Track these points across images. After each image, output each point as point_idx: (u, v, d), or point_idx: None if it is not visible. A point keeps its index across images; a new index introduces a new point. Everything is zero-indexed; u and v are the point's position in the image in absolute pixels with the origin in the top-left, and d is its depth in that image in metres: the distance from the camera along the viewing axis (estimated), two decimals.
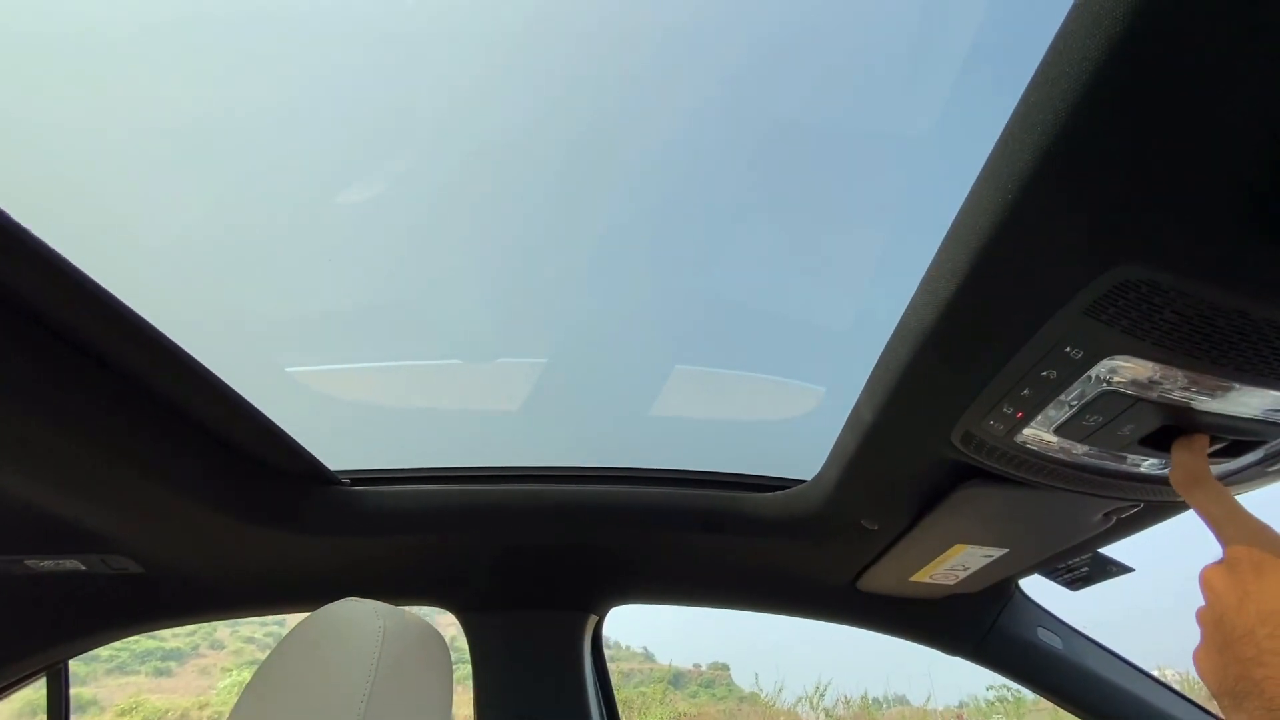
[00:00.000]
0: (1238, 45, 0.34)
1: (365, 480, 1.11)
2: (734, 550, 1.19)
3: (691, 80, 0.98)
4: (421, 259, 1.04)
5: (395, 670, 0.86)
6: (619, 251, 1.15)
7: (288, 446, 0.99)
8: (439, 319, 1.13)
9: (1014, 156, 0.47)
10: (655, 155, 1.05)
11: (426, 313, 1.10)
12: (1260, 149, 0.38)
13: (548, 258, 1.14)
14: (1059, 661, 1.24)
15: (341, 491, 1.10)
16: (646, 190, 1.09)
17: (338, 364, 1.06)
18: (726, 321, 1.22)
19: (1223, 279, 0.44)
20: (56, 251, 0.62)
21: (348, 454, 1.10)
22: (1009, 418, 0.64)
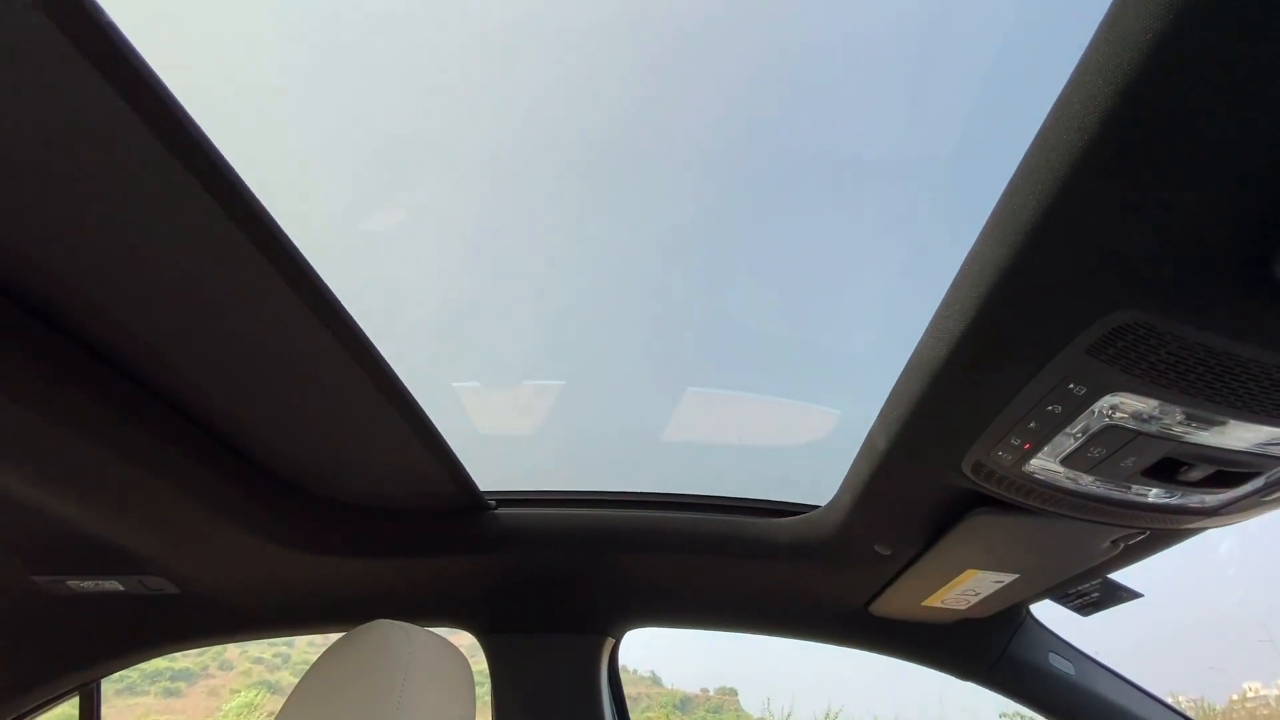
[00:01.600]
0: (1222, 119, 0.38)
1: (393, 505, 1.15)
2: (748, 574, 1.21)
3: (706, 105, 1.03)
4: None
5: (423, 690, 0.89)
6: (632, 274, 1.19)
7: (322, 470, 1.03)
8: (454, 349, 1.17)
9: (1018, 209, 0.51)
10: (671, 178, 1.10)
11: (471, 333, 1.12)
12: (1248, 207, 0.42)
13: (561, 280, 1.19)
14: (1071, 687, 1.25)
15: (369, 515, 1.14)
16: (661, 213, 1.13)
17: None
18: (740, 345, 1.25)
19: (1213, 324, 0.48)
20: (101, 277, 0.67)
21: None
22: (1017, 449, 0.67)
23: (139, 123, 0.48)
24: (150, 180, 0.53)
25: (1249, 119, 0.38)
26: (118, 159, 0.52)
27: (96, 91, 0.46)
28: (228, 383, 0.82)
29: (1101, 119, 0.41)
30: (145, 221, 0.58)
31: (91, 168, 0.53)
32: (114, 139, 0.50)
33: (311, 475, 1.04)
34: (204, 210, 0.56)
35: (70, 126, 0.49)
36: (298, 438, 0.95)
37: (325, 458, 1.00)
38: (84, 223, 0.58)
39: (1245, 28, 0.34)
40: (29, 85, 0.46)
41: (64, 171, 0.53)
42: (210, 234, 0.58)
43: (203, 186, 0.53)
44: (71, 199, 0.56)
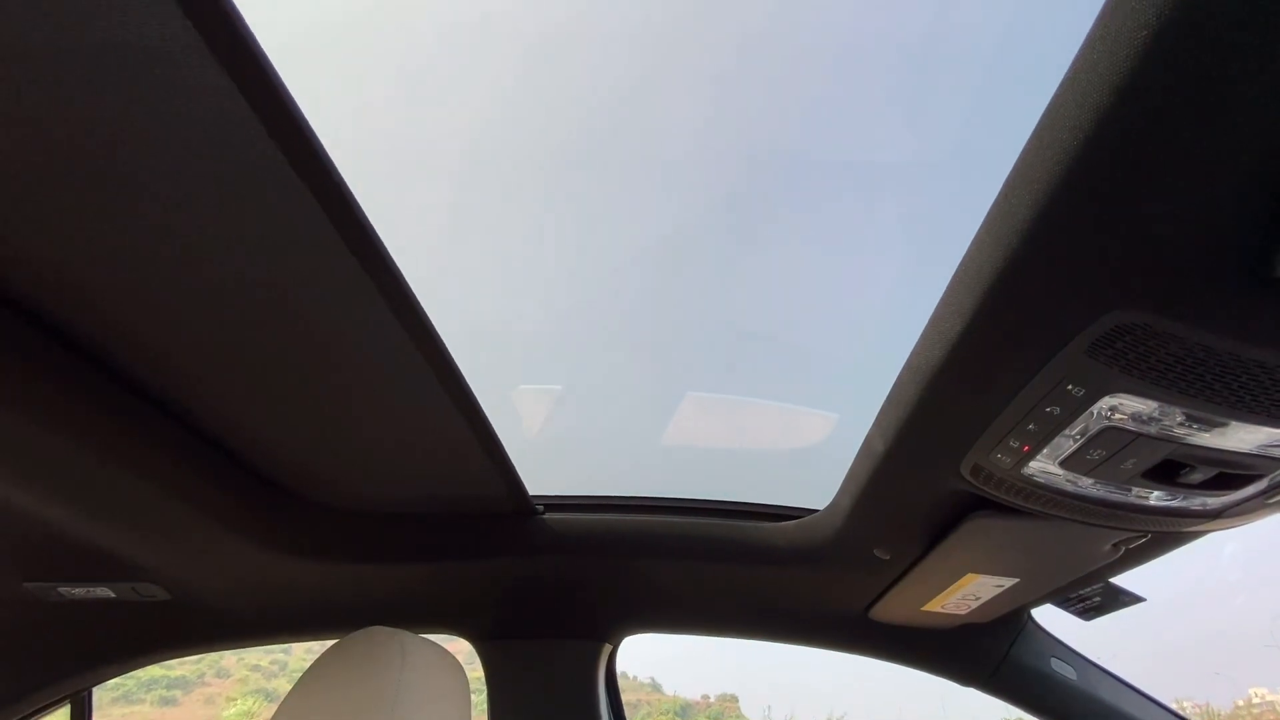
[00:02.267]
0: (1217, 116, 0.38)
1: (388, 510, 1.14)
2: (747, 579, 1.20)
3: (705, 109, 1.03)
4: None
5: (417, 698, 0.88)
6: (629, 277, 1.18)
7: (318, 475, 1.02)
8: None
9: (1014, 210, 0.50)
10: (669, 181, 1.10)
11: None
12: (1245, 205, 0.41)
13: (558, 283, 1.18)
14: (1073, 692, 1.24)
15: (364, 521, 1.13)
16: (661, 216, 1.13)
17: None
18: (738, 348, 1.25)
19: (1212, 324, 0.48)
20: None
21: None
22: (1016, 451, 0.66)
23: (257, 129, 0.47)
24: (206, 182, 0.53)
25: (1245, 115, 0.38)
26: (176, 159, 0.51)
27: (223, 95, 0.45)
28: (224, 387, 0.81)
29: (1096, 119, 0.41)
30: (165, 225, 0.57)
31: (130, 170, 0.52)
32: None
33: (307, 480, 1.04)
34: (304, 217, 0.55)
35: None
36: (294, 442, 0.94)
37: (321, 462, 0.99)
38: (91, 226, 0.58)
39: (1236, 25, 0.34)
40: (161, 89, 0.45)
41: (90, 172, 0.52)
42: (306, 236, 0.57)
43: (311, 195, 0.52)
44: (94, 202, 0.55)
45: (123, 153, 0.50)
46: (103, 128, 0.48)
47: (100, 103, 0.46)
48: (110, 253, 0.60)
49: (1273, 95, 0.36)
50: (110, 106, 0.47)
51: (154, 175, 0.52)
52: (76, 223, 0.57)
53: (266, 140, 0.48)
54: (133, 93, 0.46)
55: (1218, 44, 0.35)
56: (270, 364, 0.77)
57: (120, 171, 0.52)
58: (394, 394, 0.82)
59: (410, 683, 0.88)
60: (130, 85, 0.45)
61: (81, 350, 0.74)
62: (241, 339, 0.72)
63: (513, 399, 1.24)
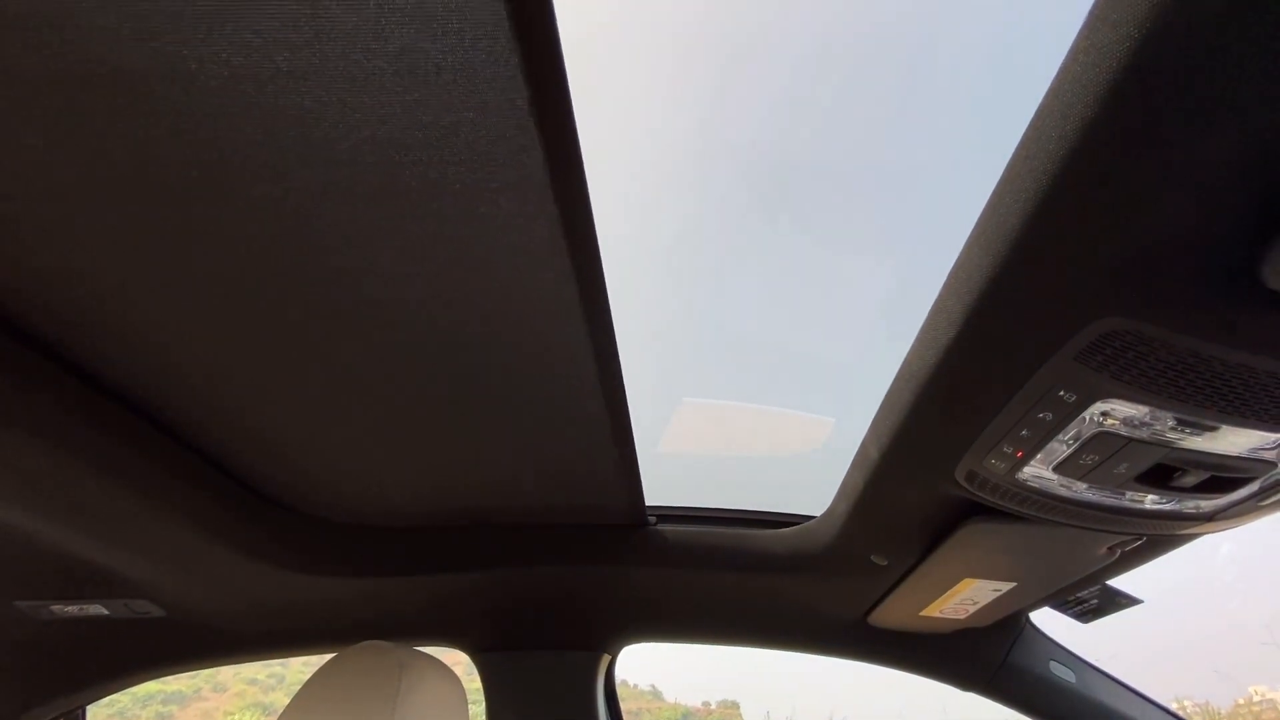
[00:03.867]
0: (1201, 124, 0.38)
1: (384, 523, 1.13)
2: (746, 587, 1.20)
3: (700, 115, 1.03)
4: None
5: (414, 711, 0.88)
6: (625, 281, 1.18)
7: (314, 490, 1.02)
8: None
9: (1003, 218, 0.51)
10: (665, 186, 1.10)
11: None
12: (1230, 212, 0.42)
13: None
14: (1072, 695, 1.23)
15: (360, 533, 1.13)
16: (659, 220, 1.13)
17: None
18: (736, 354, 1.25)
19: (1201, 329, 0.48)
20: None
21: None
22: (1009, 457, 0.66)
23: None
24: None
25: (1228, 123, 0.38)
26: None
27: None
28: (219, 401, 0.81)
29: (1081, 128, 0.41)
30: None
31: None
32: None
33: (303, 494, 1.03)
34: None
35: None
36: (292, 456, 0.94)
37: (319, 476, 0.99)
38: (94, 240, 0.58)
39: (1221, 28, 0.34)
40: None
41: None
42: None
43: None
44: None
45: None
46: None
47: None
48: (111, 265, 0.60)
49: (1255, 102, 0.36)
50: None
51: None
52: (77, 237, 0.57)
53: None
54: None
55: (1199, 53, 0.35)
56: (234, 384, 0.77)
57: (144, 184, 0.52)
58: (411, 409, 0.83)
59: (408, 696, 0.88)
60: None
61: (74, 366, 0.74)
62: (194, 357, 0.72)
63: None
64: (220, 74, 0.44)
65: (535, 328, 0.68)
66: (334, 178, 0.52)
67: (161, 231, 0.56)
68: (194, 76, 0.44)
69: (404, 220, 0.55)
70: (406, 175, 0.51)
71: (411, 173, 0.51)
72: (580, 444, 0.91)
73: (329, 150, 0.49)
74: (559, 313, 0.66)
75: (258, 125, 0.48)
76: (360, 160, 0.50)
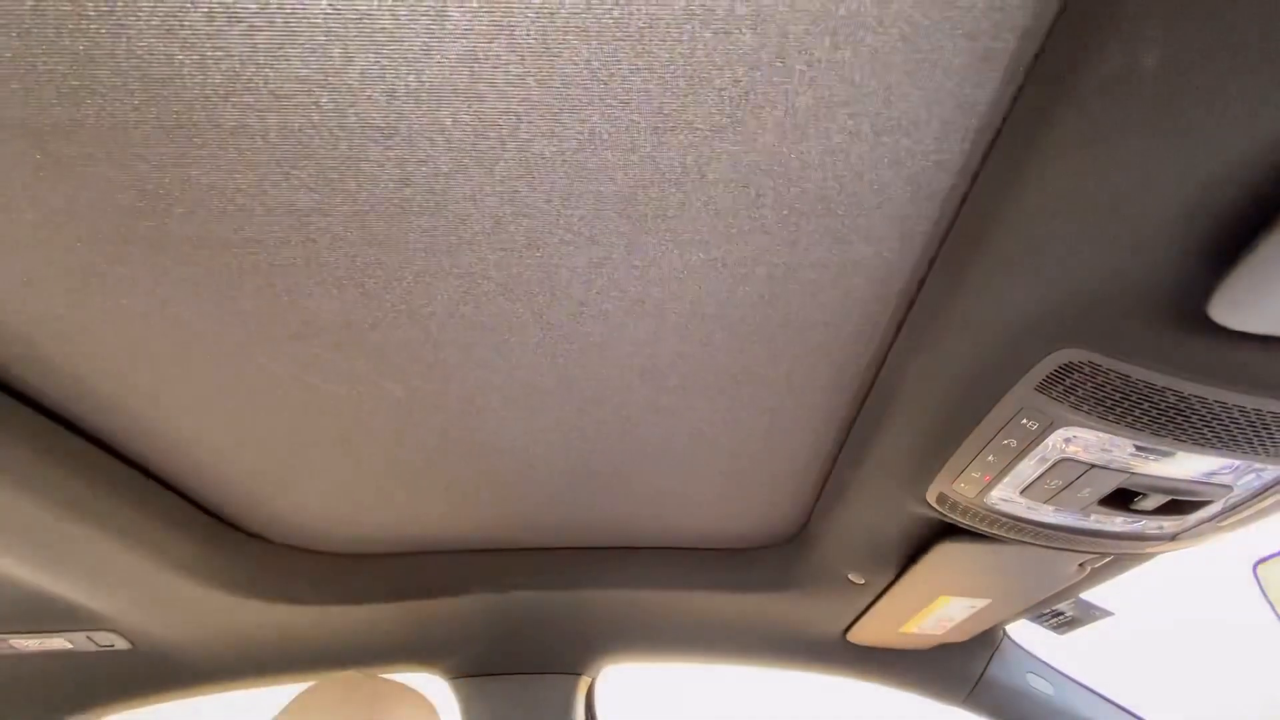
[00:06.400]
0: (1147, 159, 0.39)
1: (355, 549, 1.12)
2: (725, 606, 1.20)
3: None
4: None
5: None
6: None
7: (281, 517, 1.00)
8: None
9: (958, 252, 0.52)
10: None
11: None
12: (1179, 246, 0.43)
13: None
14: (1049, 708, 1.25)
15: (331, 561, 1.11)
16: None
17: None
18: None
19: (1153, 361, 0.49)
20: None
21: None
22: (978, 481, 0.67)
23: None
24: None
25: (1168, 168, 0.39)
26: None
27: None
28: (180, 429, 0.79)
29: (1027, 175, 0.42)
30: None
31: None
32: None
33: (270, 523, 1.01)
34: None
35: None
36: (255, 485, 0.92)
37: (286, 504, 0.97)
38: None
39: (1165, 49, 0.35)
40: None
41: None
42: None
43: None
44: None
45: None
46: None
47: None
48: (68, 300, 0.59)
49: (1201, 135, 0.37)
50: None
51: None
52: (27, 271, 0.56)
53: None
54: None
55: (1140, 84, 0.36)
56: (195, 410, 0.75)
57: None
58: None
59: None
60: None
61: (30, 399, 0.72)
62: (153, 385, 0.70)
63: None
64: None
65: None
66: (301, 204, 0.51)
67: (113, 265, 0.55)
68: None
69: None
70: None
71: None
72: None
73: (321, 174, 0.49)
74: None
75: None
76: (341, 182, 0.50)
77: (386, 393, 0.72)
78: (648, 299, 0.60)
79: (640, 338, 0.65)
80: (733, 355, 0.69)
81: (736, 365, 0.70)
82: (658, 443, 0.85)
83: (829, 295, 0.61)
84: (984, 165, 0.48)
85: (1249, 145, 0.37)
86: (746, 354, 0.69)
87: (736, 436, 0.84)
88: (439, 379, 0.70)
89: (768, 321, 0.64)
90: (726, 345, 0.67)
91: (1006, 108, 0.44)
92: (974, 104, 0.44)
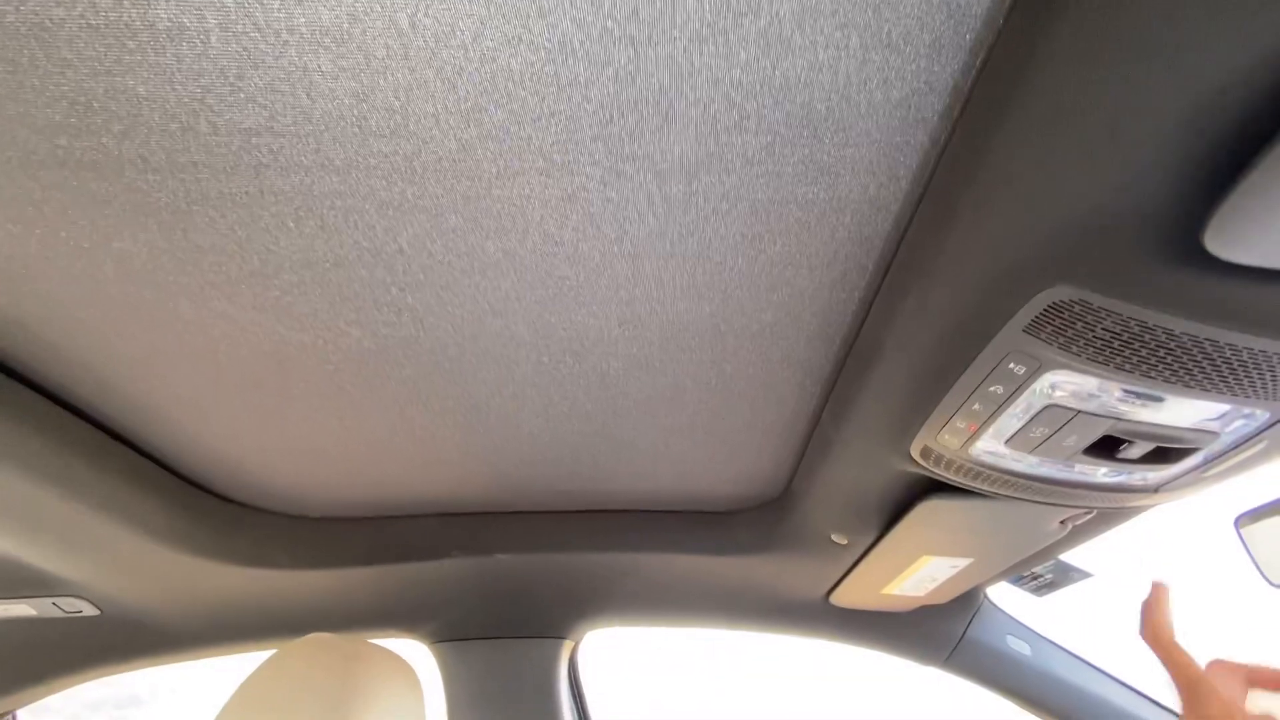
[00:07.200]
0: (1137, 88, 0.37)
1: (330, 513, 1.09)
2: (708, 569, 1.19)
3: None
4: None
5: (366, 707, 0.84)
6: None
7: (252, 480, 0.97)
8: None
9: (946, 186, 0.50)
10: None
11: None
12: (1171, 175, 0.41)
13: None
14: (1027, 668, 1.27)
15: (305, 524, 1.08)
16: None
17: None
18: None
19: (1145, 298, 0.47)
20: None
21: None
22: (963, 432, 0.66)
23: None
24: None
25: (1163, 87, 0.37)
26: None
27: None
28: (149, 395, 0.76)
29: (1012, 93, 0.40)
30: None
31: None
32: None
33: (242, 486, 0.98)
34: None
35: None
36: (224, 447, 0.89)
37: (258, 468, 0.94)
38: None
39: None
40: None
41: None
42: None
43: None
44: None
45: None
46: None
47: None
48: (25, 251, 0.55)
49: (1192, 56, 0.35)
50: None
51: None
52: None
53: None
54: None
55: (1124, 15, 0.34)
56: (168, 374, 0.71)
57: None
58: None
59: (359, 690, 0.85)
60: None
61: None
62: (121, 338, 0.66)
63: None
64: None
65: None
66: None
67: (49, 192, 0.52)
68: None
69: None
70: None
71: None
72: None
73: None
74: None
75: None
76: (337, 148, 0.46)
77: (354, 341, 0.69)
78: (625, 238, 0.58)
79: (618, 281, 0.63)
80: (715, 303, 0.66)
81: (719, 314, 0.68)
82: (639, 399, 0.83)
83: (814, 235, 0.58)
84: (975, 87, 0.45)
85: (1247, 59, 0.35)
86: (729, 301, 0.66)
87: (719, 393, 0.82)
88: (408, 325, 0.67)
89: (751, 265, 0.62)
90: (708, 291, 0.65)
91: (1000, 22, 0.42)
92: (967, 15, 0.42)
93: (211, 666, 1.32)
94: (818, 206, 0.55)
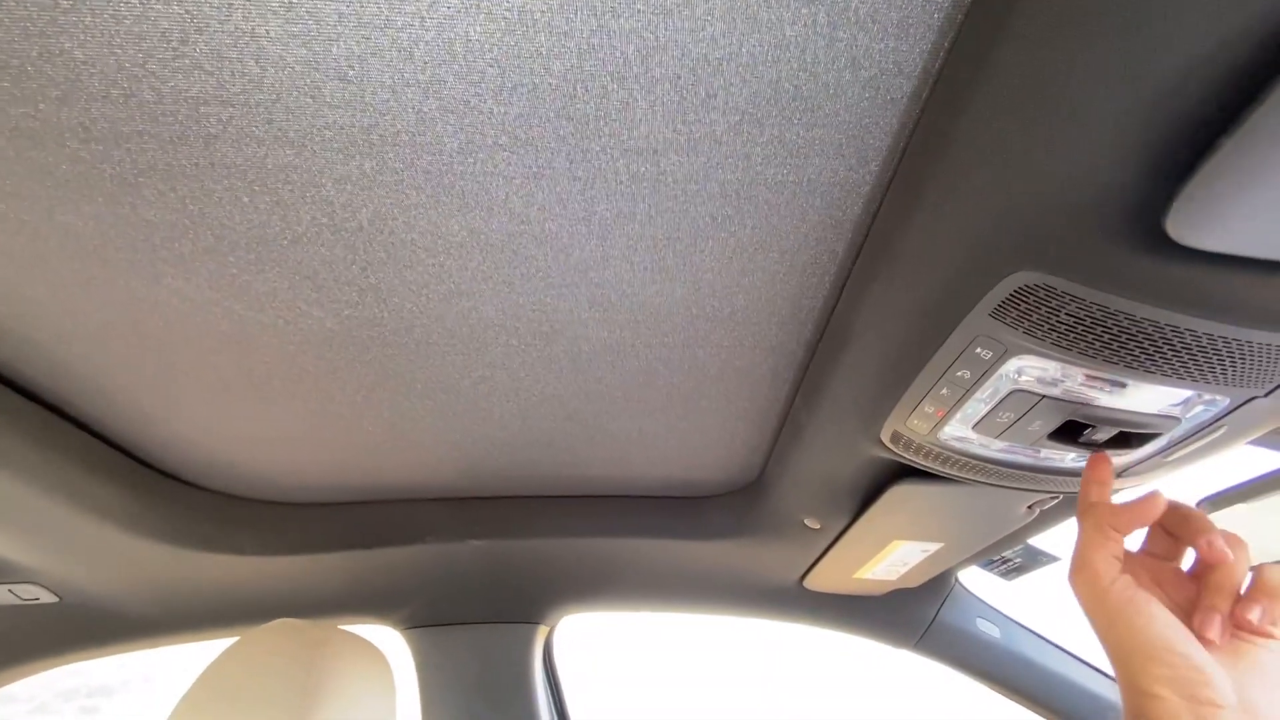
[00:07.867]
0: (1098, 73, 0.37)
1: (298, 498, 1.07)
2: (682, 554, 1.20)
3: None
4: None
5: (334, 693, 0.83)
6: None
7: (216, 464, 0.95)
8: None
9: (915, 170, 0.50)
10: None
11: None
12: (1134, 160, 0.41)
13: None
14: (996, 650, 1.29)
15: (272, 509, 1.06)
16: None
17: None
18: None
19: (1108, 283, 0.47)
20: None
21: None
22: (931, 416, 0.66)
23: None
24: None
25: (1125, 70, 0.37)
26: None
27: None
28: (107, 377, 0.73)
29: (985, 78, 0.40)
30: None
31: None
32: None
33: (205, 470, 0.96)
34: None
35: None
36: (186, 431, 0.86)
37: (222, 451, 0.92)
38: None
39: None
40: None
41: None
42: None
43: None
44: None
45: None
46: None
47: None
48: None
49: (1144, 48, 0.35)
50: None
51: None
52: None
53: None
54: None
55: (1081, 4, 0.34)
56: (123, 352, 0.69)
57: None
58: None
59: (326, 676, 0.84)
60: None
61: None
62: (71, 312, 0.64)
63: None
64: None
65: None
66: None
67: (18, 184, 0.49)
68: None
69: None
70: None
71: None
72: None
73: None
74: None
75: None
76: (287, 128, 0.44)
77: (316, 322, 0.67)
78: (593, 217, 0.57)
79: (587, 262, 0.62)
80: (685, 286, 0.66)
81: (690, 297, 0.67)
82: (611, 383, 0.82)
83: (785, 218, 0.58)
84: (943, 69, 0.45)
85: (1210, 44, 0.35)
86: (700, 284, 0.65)
87: (692, 377, 0.81)
88: (372, 305, 0.65)
89: (722, 247, 0.61)
90: (679, 273, 0.64)
91: (967, 2, 0.41)
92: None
93: (186, 654, 1.30)
94: (787, 189, 0.55)
